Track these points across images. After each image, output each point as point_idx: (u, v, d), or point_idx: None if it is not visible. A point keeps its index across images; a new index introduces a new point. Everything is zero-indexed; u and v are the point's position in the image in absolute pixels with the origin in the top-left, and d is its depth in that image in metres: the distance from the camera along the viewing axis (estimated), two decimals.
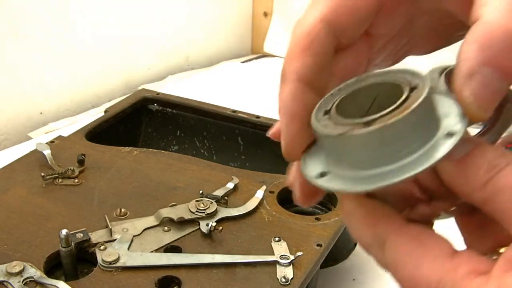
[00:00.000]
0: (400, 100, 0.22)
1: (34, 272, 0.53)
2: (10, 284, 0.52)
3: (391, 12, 0.27)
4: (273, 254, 0.58)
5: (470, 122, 0.23)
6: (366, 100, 0.25)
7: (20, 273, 0.53)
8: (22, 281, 0.52)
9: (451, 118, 0.23)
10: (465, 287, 0.21)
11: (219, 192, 0.67)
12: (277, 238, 0.60)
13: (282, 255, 0.57)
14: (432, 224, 0.26)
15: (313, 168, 0.25)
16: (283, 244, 0.59)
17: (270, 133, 0.28)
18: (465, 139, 0.22)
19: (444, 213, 0.26)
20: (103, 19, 1.19)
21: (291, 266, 0.56)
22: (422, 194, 0.25)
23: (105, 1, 1.18)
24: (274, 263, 0.57)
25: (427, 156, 0.22)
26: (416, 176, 0.21)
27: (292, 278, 0.55)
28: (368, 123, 0.22)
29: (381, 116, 0.22)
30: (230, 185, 0.69)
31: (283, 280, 0.55)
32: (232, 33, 1.53)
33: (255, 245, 0.60)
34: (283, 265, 0.56)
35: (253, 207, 0.65)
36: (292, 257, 0.57)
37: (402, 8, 0.28)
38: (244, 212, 0.64)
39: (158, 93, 0.95)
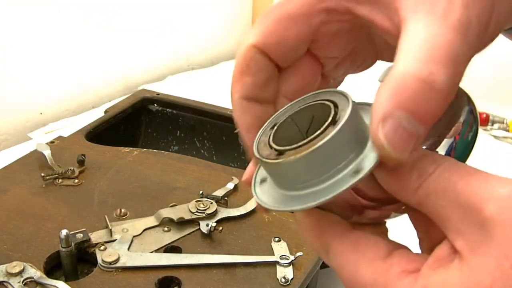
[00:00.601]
0: (319, 131, 0.24)
1: (34, 272, 0.53)
2: (10, 284, 0.52)
3: (329, 42, 0.29)
4: (273, 254, 0.58)
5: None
6: (306, 120, 0.27)
7: (20, 273, 0.53)
8: (22, 282, 0.52)
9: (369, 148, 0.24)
10: (396, 286, 0.22)
11: (219, 193, 0.67)
12: (277, 239, 0.60)
13: (282, 256, 0.57)
14: (384, 223, 0.27)
15: (259, 175, 0.28)
16: (283, 244, 0.59)
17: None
18: None
19: (394, 213, 0.27)
20: (103, 19, 1.19)
21: (291, 266, 0.56)
22: (368, 201, 0.27)
23: (105, 2, 1.18)
24: (274, 263, 0.57)
25: (336, 185, 0.23)
26: (320, 204, 0.23)
27: (292, 279, 0.55)
28: (281, 153, 0.24)
29: (294, 148, 0.24)
30: (230, 186, 0.69)
31: (283, 280, 0.55)
32: (232, 33, 1.53)
33: (255, 245, 0.60)
34: (283, 266, 0.56)
35: (253, 207, 0.65)
36: (292, 258, 0.57)
37: (342, 39, 0.29)
38: (244, 213, 0.64)
39: (158, 94, 0.95)
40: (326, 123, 0.24)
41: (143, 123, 0.94)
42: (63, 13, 1.11)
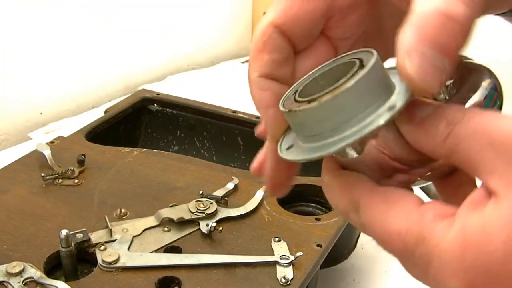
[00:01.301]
0: (340, 82, 0.24)
1: (34, 272, 0.53)
2: (10, 284, 0.52)
3: (343, 19, 0.30)
4: (273, 254, 0.58)
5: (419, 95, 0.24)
6: (331, 79, 0.27)
7: (20, 273, 0.53)
8: (22, 282, 0.52)
9: (399, 93, 0.24)
10: (432, 231, 0.22)
11: (219, 193, 0.67)
12: (277, 239, 0.60)
13: (282, 256, 0.57)
14: (411, 190, 0.27)
15: (285, 144, 0.28)
16: (283, 244, 0.59)
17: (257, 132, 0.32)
18: (425, 102, 0.24)
19: (420, 179, 0.27)
20: (103, 19, 1.19)
21: (291, 266, 0.56)
22: (397, 164, 0.27)
23: (105, 2, 1.18)
24: (274, 263, 0.57)
25: (365, 127, 0.23)
26: (350, 144, 0.23)
27: (292, 279, 0.55)
28: (310, 101, 0.25)
29: (316, 98, 0.24)
30: (230, 186, 0.69)
31: (283, 280, 0.55)
32: (232, 33, 1.53)
33: (255, 245, 0.60)
34: (283, 266, 0.56)
35: (253, 207, 0.65)
36: (292, 258, 0.57)
37: (354, 16, 0.30)
38: (244, 213, 0.64)
39: (158, 94, 0.95)
40: (350, 74, 0.24)
41: (143, 123, 0.94)
42: (63, 13, 1.11)
